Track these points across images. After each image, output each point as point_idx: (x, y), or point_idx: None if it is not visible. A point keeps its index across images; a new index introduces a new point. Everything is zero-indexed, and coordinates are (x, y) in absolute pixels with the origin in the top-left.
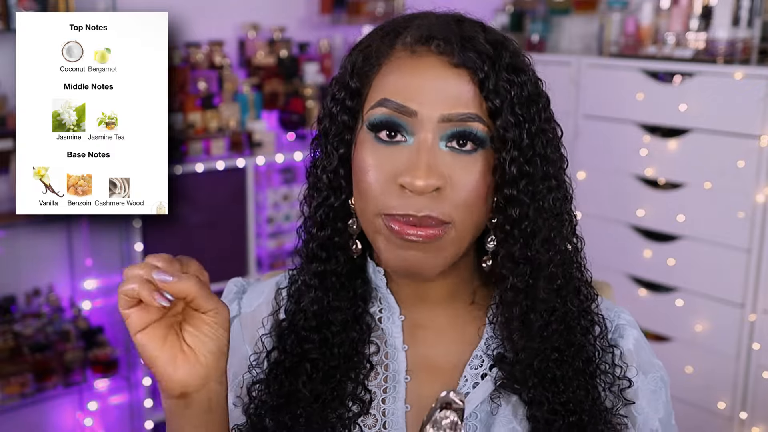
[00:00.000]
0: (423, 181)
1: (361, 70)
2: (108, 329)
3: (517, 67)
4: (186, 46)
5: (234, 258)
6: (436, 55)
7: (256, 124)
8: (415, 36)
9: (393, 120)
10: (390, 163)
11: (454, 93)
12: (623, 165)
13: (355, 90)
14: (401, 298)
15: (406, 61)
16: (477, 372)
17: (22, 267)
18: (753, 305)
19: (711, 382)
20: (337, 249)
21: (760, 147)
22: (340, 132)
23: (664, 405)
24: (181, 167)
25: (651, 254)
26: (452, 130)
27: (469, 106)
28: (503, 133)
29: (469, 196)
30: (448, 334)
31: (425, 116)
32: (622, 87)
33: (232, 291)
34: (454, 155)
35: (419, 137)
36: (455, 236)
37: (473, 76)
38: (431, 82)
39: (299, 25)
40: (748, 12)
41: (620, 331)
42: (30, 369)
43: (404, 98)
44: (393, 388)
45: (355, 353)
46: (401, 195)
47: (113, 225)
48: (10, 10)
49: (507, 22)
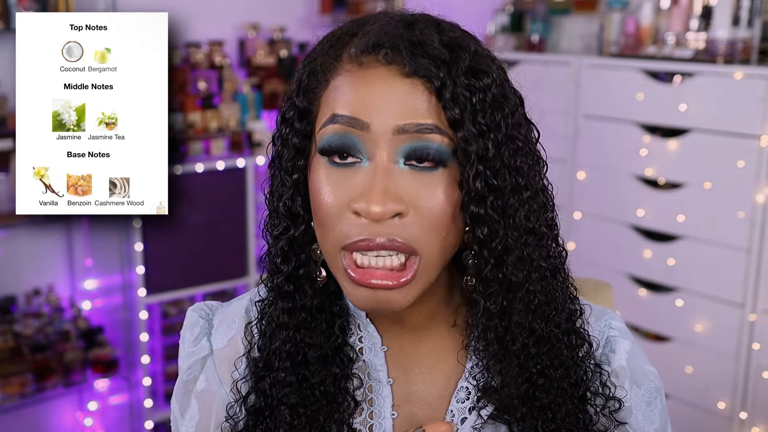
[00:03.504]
0: (379, 207)
1: (307, 87)
2: (108, 329)
3: (478, 70)
4: (186, 46)
5: (234, 258)
6: (385, 66)
7: (256, 124)
8: (360, 46)
9: (345, 139)
10: (344, 188)
11: (409, 104)
12: (623, 165)
13: (303, 110)
14: (380, 326)
15: (354, 73)
16: (464, 406)
17: (22, 267)
18: (753, 305)
19: (711, 382)
20: (304, 281)
21: (760, 147)
22: (293, 156)
23: (660, 414)
24: (181, 167)
25: (651, 254)
26: (409, 145)
27: (425, 116)
28: (465, 146)
29: (435, 220)
30: (432, 363)
31: (378, 129)
32: (622, 87)
33: (198, 325)
34: (415, 174)
35: (375, 156)
36: (423, 265)
37: (428, 85)
38: (382, 92)
39: (299, 25)
40: (748, 12)
41: (612, 344)
42: (30, 369)
43: (354, 111)
44: (379, 426)
45: (337, 391)
46: (359, 222)
47: (113, 225)
48: (10, 10)
49: (507, 22)
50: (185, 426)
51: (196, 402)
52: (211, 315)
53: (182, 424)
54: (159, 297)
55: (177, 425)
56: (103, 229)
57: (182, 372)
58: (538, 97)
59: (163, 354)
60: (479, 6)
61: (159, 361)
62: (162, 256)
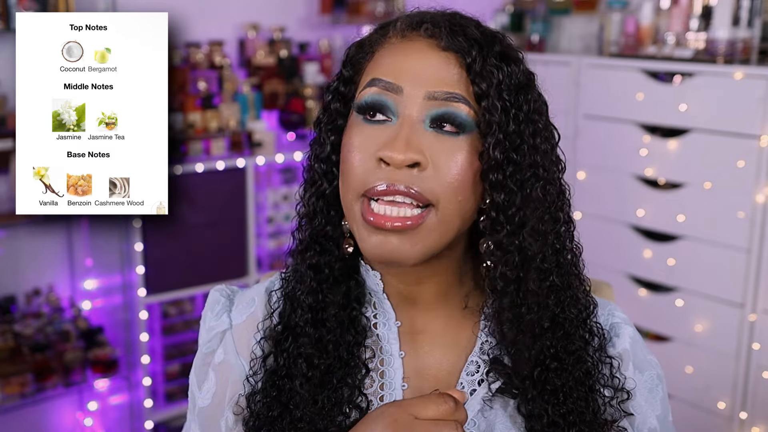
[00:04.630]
0: (401, 154)
1: (354, 58)
2: (108, 329)
3: (507, 56)
4: (186, 46)
5: (234, 258)
6: (425, 39)
7: (256, 124)
8: (407, 22)
9: (380, 99)
10: (373, 141)
11: (441, 74)
12: (623, 165)
13: (348, 77)
14: (394, 302)
15: (397, 45)
16: (473, 378)
17: (22, 267)
18: (753, 305)
19: (711, 382)
20: (330, 241)
21: (760, 147)
22: (333, 119)
23: (661, 401)
24: (181, 167)
25: (651, 254)
26: (437, 110)
27: (454, 86)
28: (488, 116)
29: (454, 179)
30: (443, 339)
31: (410, 93)
32: (622, 87)
33: (219, 302)
34: (439, 137)
35: (404, 114)
36: (438, 221)
37: (461, 61)
38: (419, 61)
39: (299, 25)
40: (748, 12)
41: (616, 329)
42: (30, 369)
43: (391, 76)
44: (390, 396)
45: (350, 356)
46: (381, 170)
47: (113, 225)
48: (10, 10)
49: (507, 22)
50: (202, 398)
51: (214, 374)
52: (233, 295)
53: (199, 396)
54: (159, 297)
55: (194, 397)
56: (103, 229)
57: (201, 345)
58: None
59: (163, 354)
60: (479, 6)
61: (159, 361)
62: (162, 256)
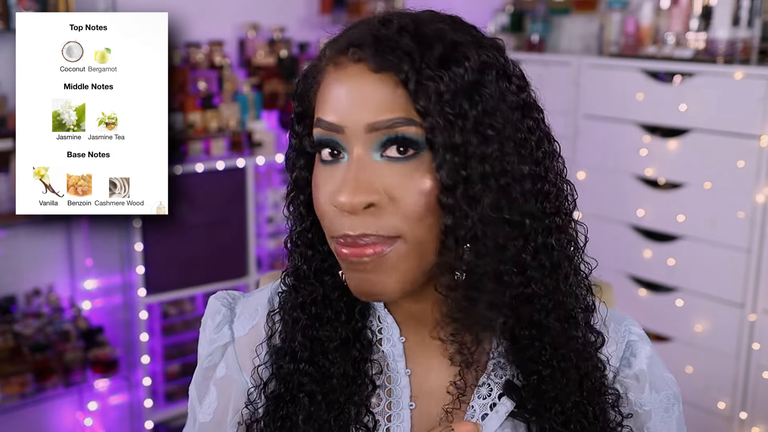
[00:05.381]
0: (347, 198)
1: (302, 90)
2: (108, 329)
3: (449, 59)
4: (186, 46)
5: (234, 258)
6: (354, 63)
7: (256, 124)
8: (334, 48)
9: (327, 138)
10: (329, 184)
11: (378, 99)
12: (623, 165)
13: (300, 113)
14: (399, 319)
15: (332, 74)
16: (485, 402)
17: (22, 267)
18: (753, 305)
19: (711, 382)
20: (324, 273)
21: (760, 147)
22: (294, 157)
23: (677, 421)
24: (181, 167)
25: (651, 254)
26: (384, 138)
27: (394, 110)
28: (431, 136)
29: (414, 207)
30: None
31: (352, 130)
32: (622, 87)
33: (220, 312)
34: (390, 165)
35: (352, 152)
36: (408, 250)
37: (396, 78)
38: (353, 92)
39: (299, 25)
40: (748, 12)
41: (632, 348)
42: (30, 369)
43: (332, 115)
44: (398, 416)
45: (357, 373)
46: (341, 216)
47: (113, 225)
48: (10, 10)
49: (507, 22)
50: (203, 413)
51: (215, 389)
52: (234, 304)
53: (200, 411)
54: (159, 297)
55: (194, 412)
56: (103, 229)
57: (202, 359)
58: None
59: (163, 354)
60: (479, 6)
61: (159, 361)
62: (162, 256)
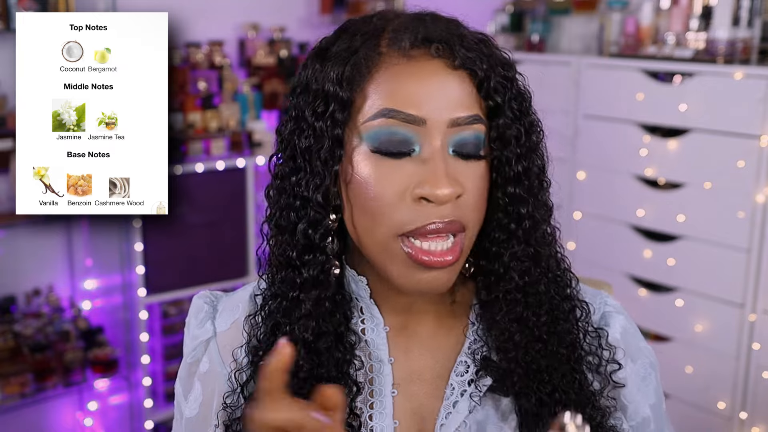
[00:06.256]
0: (448, 190)
1: (350, 77)
2: (108, 329)
3: (506, 63)
4: (186, 46)
5: (234, 258)
6: (436, 59)
7: (256, 124)
8: (410, 39)
9: (399, 132)
10: (399, 177)
11: (459, 96)
12: (623, 165)
13: (346, 100)
14: (385, 309)
15: (404, 67)
16: (463, 379)
17: (22, 267)
18: (753, 305)
19: (711, 382)
20: (320, 273)
21: (760, 147)
22: (330, 148)
23: (655, 390)
24: (181, 167)
25: (651, 254)
26: (461, 137)
27: (472, 107)
28: (505, 131)
29: (480, 201)
30: (433, 341)
31: (434, 123)
32: (622, 87)
33: (203, 309)
34: (461, 161)
35: (430, 145)
36: (468, 243)
37: (472, 77)
38: (437, 88)
39: (299, 25)
40: (748, 12)
41: (606, 318)
42: (30, 369)
43: (411, 107)
44: (380, 403)
45: (340, 375)
46: (417, 208)
47: (113, 225)
48: (10, 10)
49: (507, 22)
50: (189, 407)
51: (200, 383)
52: (216, 302)
53: (185, 406)
54: (159, 297)
55: (180, 408)
56: (103, 229)
57: (186, 355)
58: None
59: (163, 354)
60: (479, 6)
61: (159, 361)
62: (162, 256)
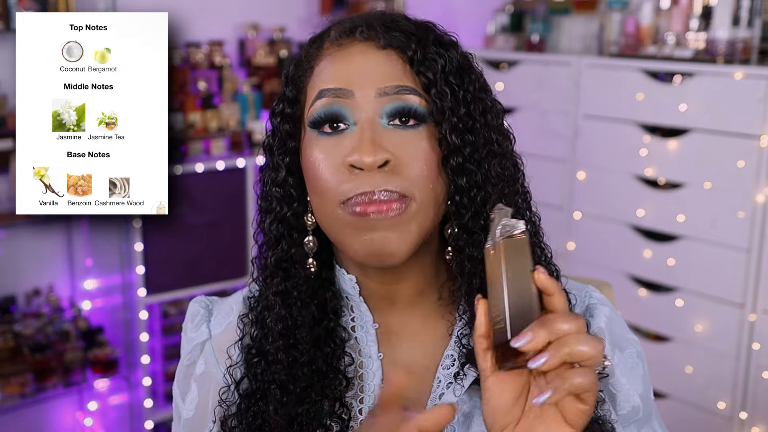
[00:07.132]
0: (370, 156)
1: (294, 77)
2: (108, 329)
3: (444, 42)
4: (186, 46)
5: (234, 258)
6: (362, 42)
7: (256, 124)
8: (339, 31)
9: (333, 109)
10: (337, 151)
11: (386, 70)
12: (623, 165)
13: (293, 98)
14: (373, 305)
15: (335, 54)
16: (449, 372)
17: (22, 267)
18: (753, 305)
19: (711, 382)
20: (296, 264)
21: (760, 147)
22: (284, 142)
23: (643, 379)
24: (181, 167)
25: (651, 254)
26: (391, 105)
27: (402, 79)
28: (440, 103)
29: (422, 170)
30: (421, 337)
31: (362, 94)
32: (622, 87)
33: (199, 313)
34: (398, 132)
35: (360, 119)
36: (417, 210)
37: (402, 55)
38: (362, 62)
39: (299, 25)
40: (748, 12)
41: (591, 310)
42: (30, 369)
43: (339, 83)
44: (369, 398)
45: (330, 369)
46: (353, 177)
47: (113, 225)
48: (10, 10)
49: (507, 22)
50: (186, 409)
51: (196, 385)
52: (211, 306)
53: (183, 408)
54: (159, 297)
55: (178, 411)
56: (103, 229)
57: (183, 357)
58: (538, 97)
59: (163, 354)
60: (479, 6)
61: (159, 361)
62: (162, 256)
